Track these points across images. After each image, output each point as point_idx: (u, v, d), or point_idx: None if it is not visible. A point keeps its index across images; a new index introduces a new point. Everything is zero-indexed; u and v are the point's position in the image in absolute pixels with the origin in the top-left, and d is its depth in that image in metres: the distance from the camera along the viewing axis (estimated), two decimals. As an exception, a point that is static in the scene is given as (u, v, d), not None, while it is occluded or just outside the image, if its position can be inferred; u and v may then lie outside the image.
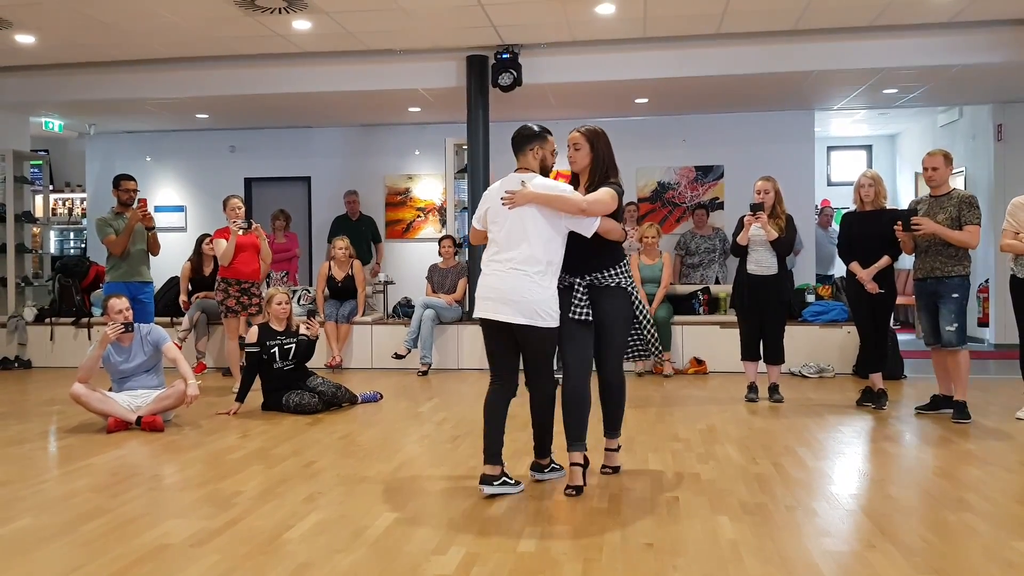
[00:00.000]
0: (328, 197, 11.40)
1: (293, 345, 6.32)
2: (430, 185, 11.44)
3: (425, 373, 8.31)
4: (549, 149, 4.26)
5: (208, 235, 8.71)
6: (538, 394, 4.21)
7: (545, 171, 4.23)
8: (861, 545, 3.32)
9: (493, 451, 4.04)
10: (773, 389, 6.59)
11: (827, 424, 5.71)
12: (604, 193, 4.05)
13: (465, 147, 9.17)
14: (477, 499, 3.95)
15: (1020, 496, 3.99)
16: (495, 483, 3.99)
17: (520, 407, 4.40)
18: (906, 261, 7.26)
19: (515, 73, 8.42)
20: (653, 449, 4.89)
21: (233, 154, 11.83)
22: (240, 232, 7.04)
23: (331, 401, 6.34)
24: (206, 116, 10.76)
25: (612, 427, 4.39)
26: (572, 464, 4.08)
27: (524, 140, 4.21)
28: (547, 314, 3.95)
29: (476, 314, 4.09)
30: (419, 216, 11.53)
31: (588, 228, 3.99)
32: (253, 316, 7.08)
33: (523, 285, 3.90)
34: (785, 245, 6.38)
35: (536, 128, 4.24)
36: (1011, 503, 3.87)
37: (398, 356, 8.36)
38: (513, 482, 4.08)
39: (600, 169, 4.22)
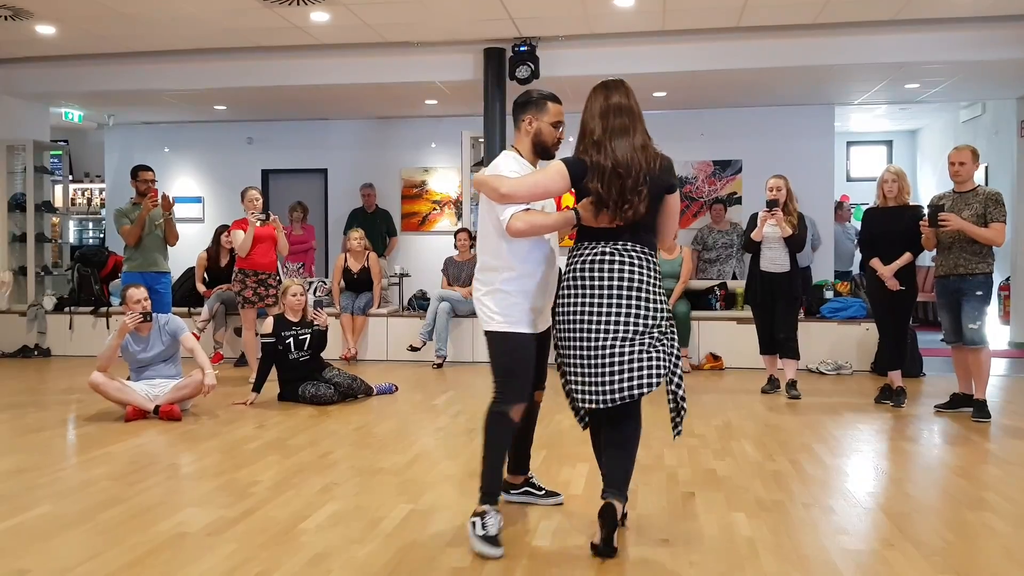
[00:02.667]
0: (344, 189, 11.43)
1: (308, 336, 6.35)
2: (446, 178, 11.44)
3: (440, 366, 8.32)
4: (548, 120, 3.41)
5: (227, 226, 8.74)
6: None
7: (543, 149, 3.43)
8: (879, 544, 3.29)
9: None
10: (791, 385, 6.57)
11: (845, 421, 5.67)
12: (538, 171, 3.27)
13: (481, 140, 9.15)
14: (492, 492, 3.94)
15: (1041, 496, 3.95)
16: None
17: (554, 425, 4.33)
18: (926, 258, 7.20)
19: (532, 66, 8.39)
20: (669, 445, 4.88)
21: (250, 146, 11.86)
22: (258, 223, 7.07)
23: (347, 392, 6.36)
24: (224, 108, 10.80)
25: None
26: None
27: (515, 110, 3.46)
28: (489, 317, 3.34)
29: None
30: (435, 209, 11.53)
31: (503, 222, 3.18)
32: (269, 307, 7.10)
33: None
34: (798, 243, 6.45)
35: (534, 94, 3.45)
36: (1032, 503, 3.84)
37: (413, 348, 8.37)
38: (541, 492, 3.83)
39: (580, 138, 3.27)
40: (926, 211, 5.87)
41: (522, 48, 8.42)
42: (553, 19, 7.94)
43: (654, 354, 3.11)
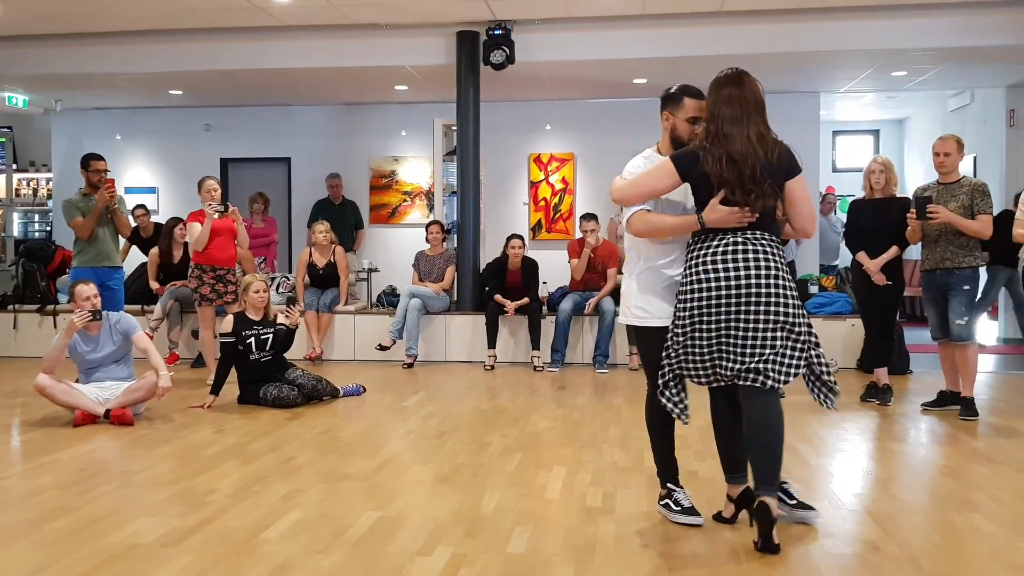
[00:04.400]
0: (309, 180, 11.36)
1: (270, 335, 6.31)
2: (417, 168, 11.40)
3: (410, 366, 8.30)
4: (683, 115, 3.44)
5: (179, 219, 8.66)
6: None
7: (679, 145, 3.47)
8: (864, 547, 3.33)
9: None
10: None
11: (829, 420, 5.73)
12: (646, 170, 3.42)
13: (454, 128, 9.13)
14: (464, 497, 3.96)
15: (1030, 497, 4.01)
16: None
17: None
18: (913, 252, 7.29)
19: (507, 51, 8.39)
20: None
21: (208, 133, 11.75)
22: (216, 216, 7.00)
23: (311, 394, 6.32)
24: (180, 92, 10.69)
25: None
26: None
27: (662, 104, 3.55)
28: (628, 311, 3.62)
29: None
30: (405, 200, 11.49)
31: (622, 222, 3.49)
32: (229, 305, 7.05)
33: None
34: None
35: (672, 88, 3.52)
36: (1020, 503, 3.90)
37: (382, 348, 8.34)
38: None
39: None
40: (915, 202, 5.92)
41: (497, 31, 8.40)
42: (529, 1, 7.93)
43: (798, 348, 3.33)
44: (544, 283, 8.72)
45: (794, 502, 3.63)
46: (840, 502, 3.90)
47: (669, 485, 3.68)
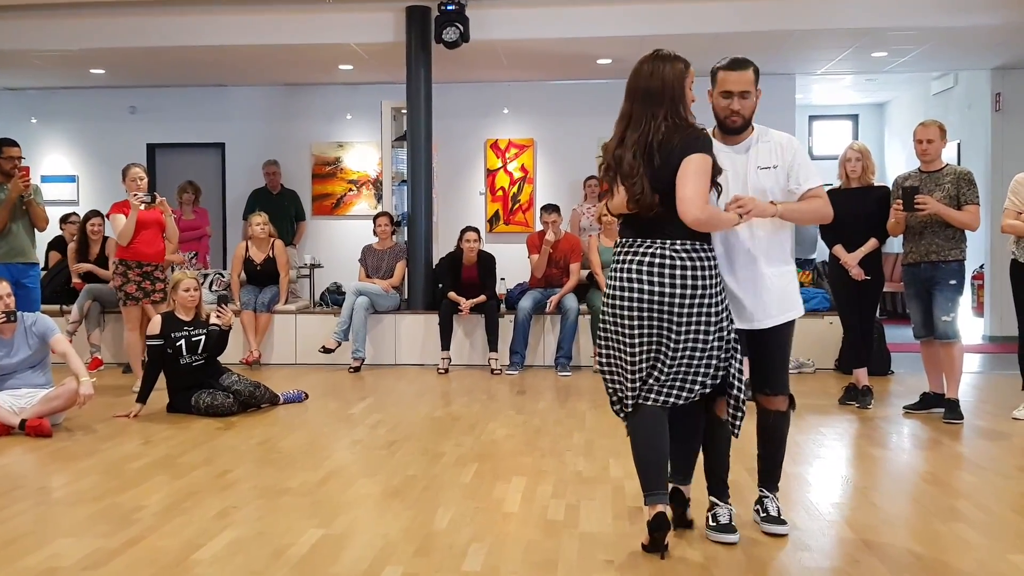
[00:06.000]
0: (245, 167, 11.24)
1: (202, 337, 6.25)
2: (364, 154, 11.34)
3: (357, 370, 8.26)
4: (717, 90, 3.60)
5: (97, 212, 8.54)
6: None
7: (719, 122, 3.65)
8: (844, 560, 3.38)
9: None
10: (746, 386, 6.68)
11: (806, 425, 5.80)
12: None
13: (404, 112, 9.09)
14: (416, 512, 3.95)
15: (1017, 504, 4.10)
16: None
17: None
18: (894, 245, 7.40)
19: (461, 28, 8.36)
20: (615, 454, 4.93)
21: (133, 116, 11.58)
22: (142, 207, 6.92)
23: (248, 401, 6.28)
24: (102, 71, 10.52)
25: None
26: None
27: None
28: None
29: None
30: (351, 190, 11.43)
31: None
32: (157, 304, 6.96)
33: None
34: None
35: (716, 63, 3.66)
36: (1007, 512, 3.98)
37: (326, 350, 8.29)
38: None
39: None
40: (898, 192, 5.98)
41: (450, 7, 8.37)
42: (483, -26, 7.93)
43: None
44: (502, 279, 8.73)
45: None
46: (818, 512, 3.96)
47: (711, 499, 3.68)
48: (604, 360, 3.53)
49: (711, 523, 3.60)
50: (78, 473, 4.68)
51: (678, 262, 3.31)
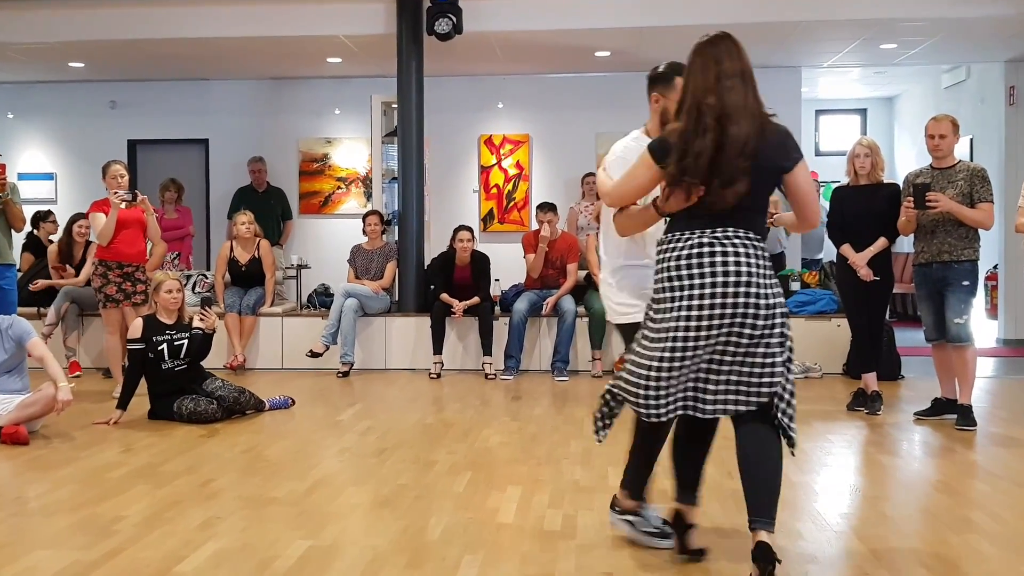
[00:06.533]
0: (229, 164, 11.23)
1: (185, 341, 6.24)
2: (353, 151, 11.34)
3: (346, 374, 8.25)
4: (675, 96, 3.48)
5: (82, 214, 8.53)
6: None
7: None
8: (852, 573, 3.38)
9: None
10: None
11: (813, 432, 5.80)
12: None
13: (395, 106, 9.09)
14: (407, 522, 3.94)
15: (1031, 513, 4.10)
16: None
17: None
18: (904, 244, 7.41)
19: (454, 19, 8.35)
20: (614, 462, 4.90)
21: (114, 111, 11.58)
22: (122, 205, 6.92)
23: (233, 408, 6.27)
24: (81, 65, 10.51)
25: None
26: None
27: (648, 85, 3.72)
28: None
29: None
30: (340, 188, 11.42)
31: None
32: (138, 306, 6.95)
33: None
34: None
35: (662, 67, 3.70)
36: (1021, 522, 3.98)
37: (314, 354, 8.28)
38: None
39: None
40: (909, 190, 5.98)
41: (442, -2, 8.38)
42: (477, -36, 7.93)
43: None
44: (496, 280, 8.72)
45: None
46: (825, 523, 3.95)
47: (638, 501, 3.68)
48: (646, 361, 3.21)
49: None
50: (56, 482, 4.66)
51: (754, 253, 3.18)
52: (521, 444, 5.50)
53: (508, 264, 9.33)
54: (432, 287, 8.52)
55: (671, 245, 3.21)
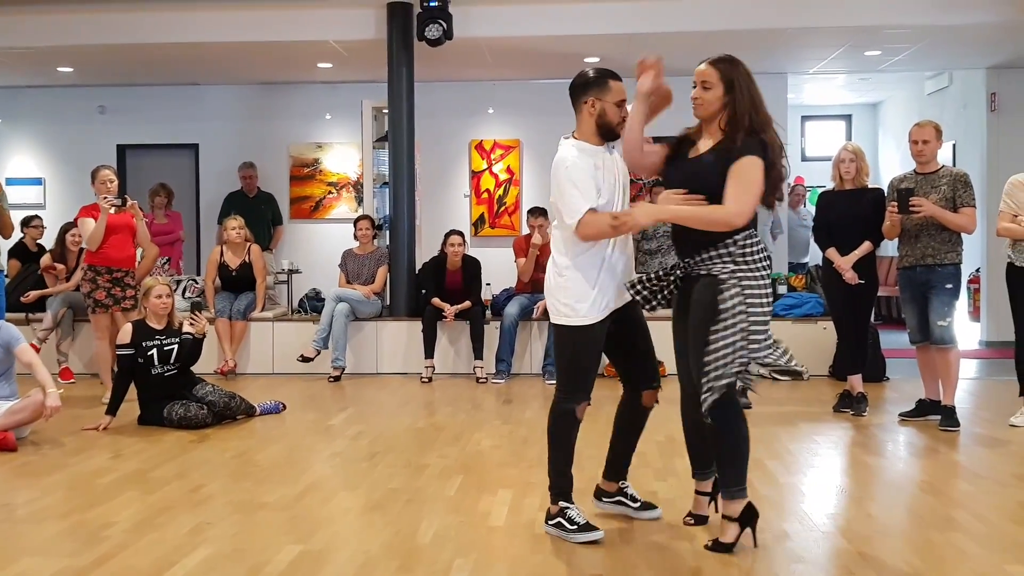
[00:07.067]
0: (219, 169, 11.21)
1: (175, 346, 6.22)
2: (344, 156, 11.33)
3: (337, 379, 8.24)
4: (612, 99, 3.67)
5: (72, 224, 8.49)
6: None
7: (608, 131, 3.76)
8: (838, 572, 3.39)
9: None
10: (741, 393, 6.70)
11: (800, 433, 5.82)
12: (746, 177, 3.63)
13: (385, 111, 9.08)
14: (399, 527, 3.94)
15: (1015, 513, 4.13)
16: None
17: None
18: (888, 248, 7.44)
19: (444, 25, 8.36)
20: (602, 465, 4.91)
21: (103, 116, 11.53)
22: (112, 210, 6.91)
23: (223, 413, 6.25)
24: (70, 70, 10.47)
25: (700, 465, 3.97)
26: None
27: (574, 93, 3.80)
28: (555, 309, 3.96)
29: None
30: (330, 192, 11.41)
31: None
32: (127, 311, 6.93)
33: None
34: None
35: (590, 73, 3.78)
36: (1005, 521, 4.01)
37: (305, 359, 8.26)
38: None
39: (740, 120, 3.75)
40: (894, 195, 6.02)
41: (432, 3, 8.36)
42: (466, -30, 7.94)
43: None
44: (487, 285, 8.72)
45: (637, 504, 4.02)
46: (812, 523, 3.97)
47: (562, 503, 3.80)
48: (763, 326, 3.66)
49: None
50: (45, 489, 4.64)
51: None
52: (512, 447, 5.50)
53: (499, 268, 9.34)
54: (423, 291, 8.52)
55: (758, 238, 3.65)
